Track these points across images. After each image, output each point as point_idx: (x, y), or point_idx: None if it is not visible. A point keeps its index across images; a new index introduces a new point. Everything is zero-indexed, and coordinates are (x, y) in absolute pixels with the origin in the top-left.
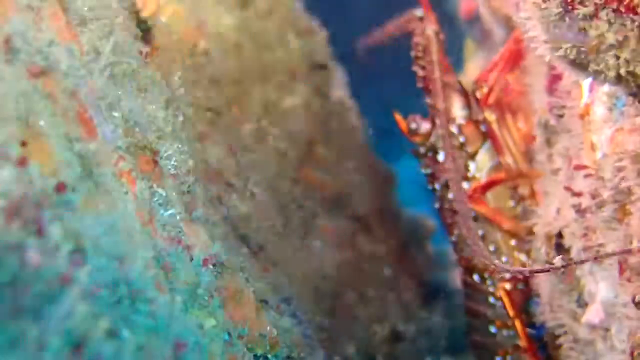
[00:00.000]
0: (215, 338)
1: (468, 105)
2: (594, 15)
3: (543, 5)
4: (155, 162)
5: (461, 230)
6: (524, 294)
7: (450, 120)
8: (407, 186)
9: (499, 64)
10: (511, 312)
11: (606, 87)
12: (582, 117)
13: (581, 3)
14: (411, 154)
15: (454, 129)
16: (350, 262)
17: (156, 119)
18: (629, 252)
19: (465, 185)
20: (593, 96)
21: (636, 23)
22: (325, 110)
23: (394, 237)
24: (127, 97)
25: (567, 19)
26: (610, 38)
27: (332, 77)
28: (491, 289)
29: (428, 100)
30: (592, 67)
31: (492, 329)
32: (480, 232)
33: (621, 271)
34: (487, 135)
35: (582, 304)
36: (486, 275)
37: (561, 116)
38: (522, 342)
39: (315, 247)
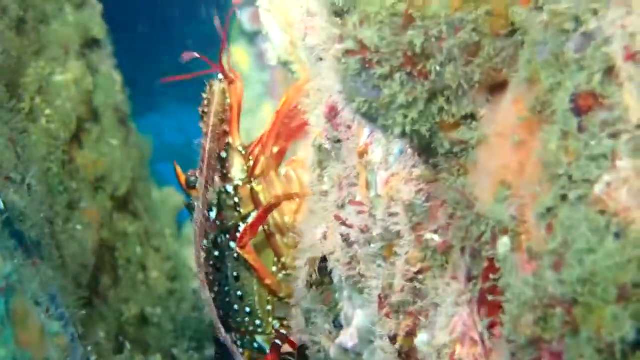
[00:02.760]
0: None
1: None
2: (389, 76)
3: (343, 60)
4: None
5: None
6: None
7: (227, 180)
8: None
9: (265, 138)
10: None
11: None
12: (360, 155)
13: (379, 63)
14: (185, 206)
15: (229, 189)
16: (107, 243)
17: None
18: None
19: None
20: (372, 137)
21: (426, 87)
22: (94, 86)
23: (146, 214)
24: None
25: (363, 75)
26: (401, 98)
27: (105, 51)
28: (242, 350)
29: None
30: (381, 121)
31: None
32: (238, 293)
33: (381, 306)
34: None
35: (338, 325)
36: (238, 336)
37: (336, 144)
38: None
39: (77, 231)
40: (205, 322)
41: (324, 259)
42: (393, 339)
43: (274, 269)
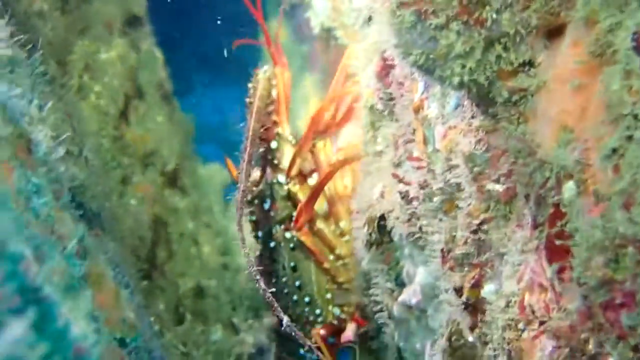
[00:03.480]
0: (86, 327)
1: None
2: (444, 26)
3: (397, 13)
4: (29, 150)
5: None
6: (334, 346)
7: (279, 170)
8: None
9: (302, 141)
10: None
11: (442, 86)
12: (416, 110)
13: (434, 14)
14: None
15: (282, 180)
16: (160, 218)
17: (25, 102)
18: None
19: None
20: (428, 92)
21: (482, 35)
22: (138, 63)
23: (194, 191)
24: None
25: (419, 27)
26: (458, 48)
27: (146, 29)
28: (301, 341)
29: (261, 149)
30: (439, 72)
31: None
32: (297, 283)
33: (444, 260)
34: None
35: (400, 283)
36: (298, 326)
37: (389, 103)
38: None
39: (132, 206)
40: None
41: (382, 218)
42: (459, 292)
43: (332, 256)
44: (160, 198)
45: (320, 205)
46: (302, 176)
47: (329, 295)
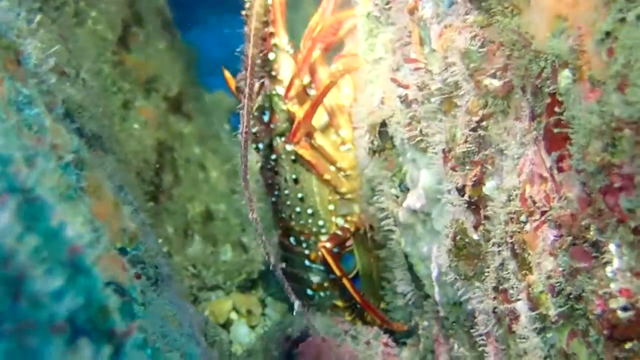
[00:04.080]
0: (90, 239)
1: None
2: None
3: None
4: (19, 62)
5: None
6: (338, 255)
7: (277, 82)
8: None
9: (300, 64)
10: (338, 272)
11: None
12: (411, 12)
13: None
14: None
15: (280, 91)
16: (165, 143)
17: (13, 16)
18: None
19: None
20: None
21: None
22: None
23: (200, 117)
24: None
25: None
26: None
27: None
28: (306, 252)
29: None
30: None
31: (309, 292)
32: (299, 195)
33: (446, 160)
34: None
35: (404, 189)
36: (302, 238)
37: (385, 9)
38: (357, 299)
39: (135, 130)
40: (270, 211)
41: (383, 124)
42: (461, 191)
43: (333, 168)
44: (165, 123)
45: (319, 118)
46: (302, 94)
47: (331, 207)
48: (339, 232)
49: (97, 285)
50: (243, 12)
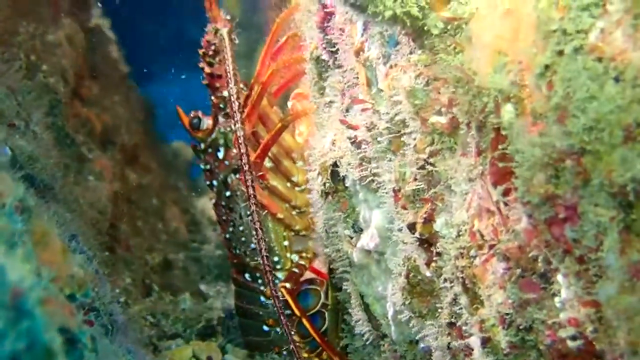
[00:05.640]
0: (33, 283)
1: None
2: None
3: None
4: None
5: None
6: (294, 292)
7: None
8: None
9: (248, 110)
10: (297, 312)
11: (379, 26)
12: (357, 53)
13: None
14: (192, 149)
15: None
16: (122, 194)
17: None
18: None
19: None
20: (367, 34)
21: None
22: (88, 44)
23: (158, 168)
24: None
25: None
26: None
27: (95, 10)
28: (262, 288)
29: (213, 98)
30: (371, 8)
31: (265, 328)
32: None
33: (396, 199)
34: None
35: (358, 230)
36: (257, 274)
37: (333, 52)
38: (316, 338)
39: (90, 181)
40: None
41: (335, 165)
42: (412, 229)
43: (286, 206)
44: (121, 174)
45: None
46: (252, 138)
47: (286, 243)
48: (295, 270)
49: (41, 328)
50: (201, 50)
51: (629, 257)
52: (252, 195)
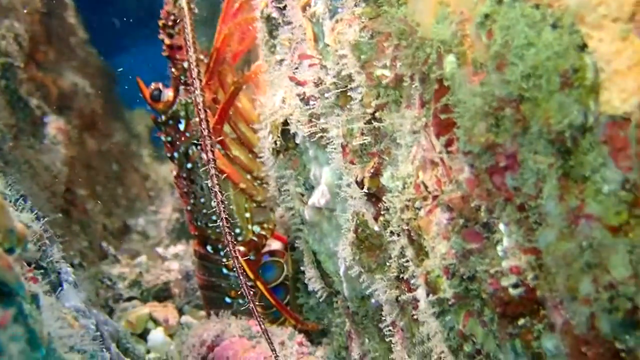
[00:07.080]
0: None
1: None
2: None
3: None
4: None
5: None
6: (256, 263)
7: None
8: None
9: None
10: (252, 275)
11: None
12: (303, 9)
13: None
14: (152, 120)
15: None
16: (79, 159)
17: None
18: None
19: None
20: None
21: None
22: (45, 8)
23: (119, 135)
24: None
25: None
26: None
27: None
28: (224, 260)
29: (173, 69)
30: None
31: (227, 300)
32: (214, 203)
33: (344, 154)
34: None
35: (309, 187)
36: (219, 246)
37: (282, 9)
38: (271, 302)
39: (45, 145)
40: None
41: (285, 123)
42: (360, 184)
43: (248, 176)
44: (78, 140)
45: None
46: (212, 103)
47: (247, 214)
48: (254, 239)
49: None
50: (160, 21)
51: (568, 204)
52: (211, 160)
